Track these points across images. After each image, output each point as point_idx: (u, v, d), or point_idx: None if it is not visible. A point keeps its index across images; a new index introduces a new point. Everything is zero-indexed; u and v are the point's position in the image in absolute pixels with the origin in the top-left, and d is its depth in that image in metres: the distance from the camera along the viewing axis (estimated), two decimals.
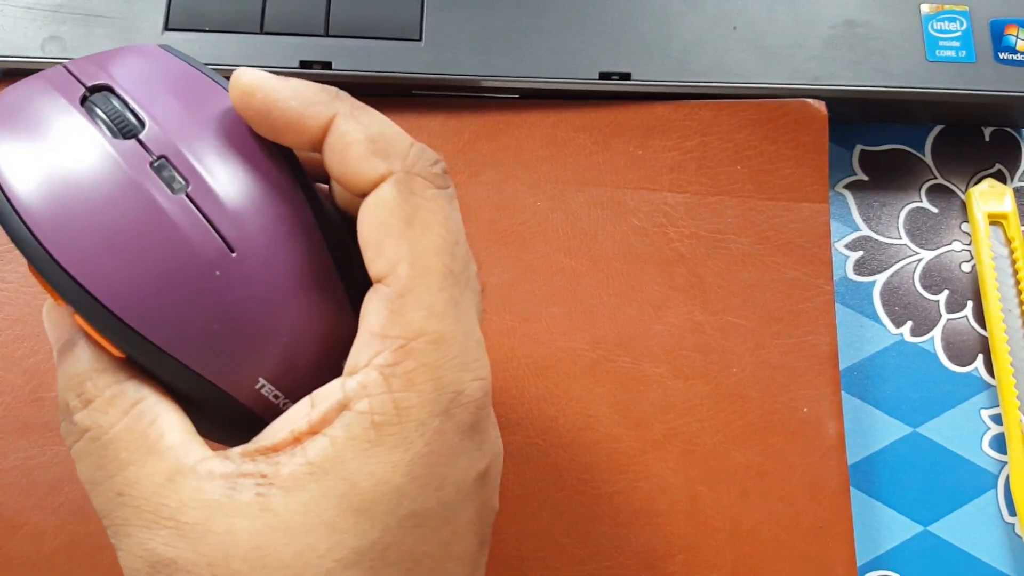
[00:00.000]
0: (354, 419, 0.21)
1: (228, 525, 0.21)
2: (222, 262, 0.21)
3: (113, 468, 0.22)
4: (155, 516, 0.21)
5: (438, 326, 0.21)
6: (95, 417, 0.22)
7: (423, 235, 0.22)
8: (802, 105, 0.37)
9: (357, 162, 0.22)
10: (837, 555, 0.33)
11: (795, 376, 0.35)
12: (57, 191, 0.21)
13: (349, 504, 0.21)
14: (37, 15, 0.36)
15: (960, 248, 0.39)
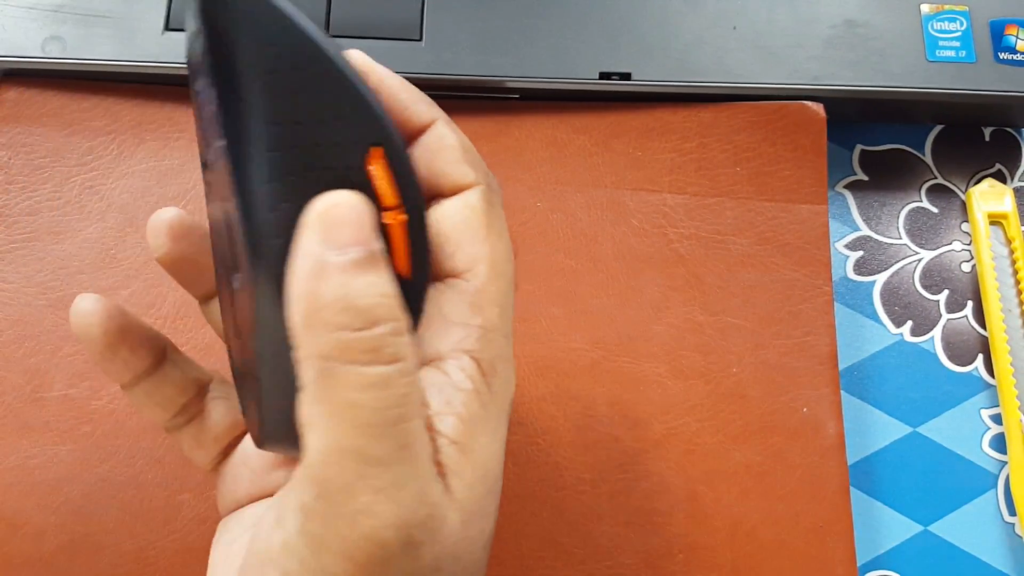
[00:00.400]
0: (468, 397, 0.22)
1: (447, 514, 0.21)
2: None
3: (410, 414, 0.20)
4: (423, 488, 0.20)
5: (506, 325, 0.23)
6: (406, 351, 0.20)
7: (499, 243, 0.23)
8: (801, 107, 0.37)
9: (451, 164, 0.23)
10: (837, 555, 0.33)
11: (795, 376, 0.35)
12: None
13: (487, 485, 0.22)
14: (38, 15, 0.36)
15: (960, 248, 0.39)
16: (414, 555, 0.20)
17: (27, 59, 0.36)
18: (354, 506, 0.20)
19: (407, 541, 0.20)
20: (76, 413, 0.33)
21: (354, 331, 0.20)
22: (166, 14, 0.37)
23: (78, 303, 0.25)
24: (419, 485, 0.20)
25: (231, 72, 0.20)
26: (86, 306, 0.25)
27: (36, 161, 0.36)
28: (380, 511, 0.20)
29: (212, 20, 0.20)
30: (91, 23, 0.36)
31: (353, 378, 0.20)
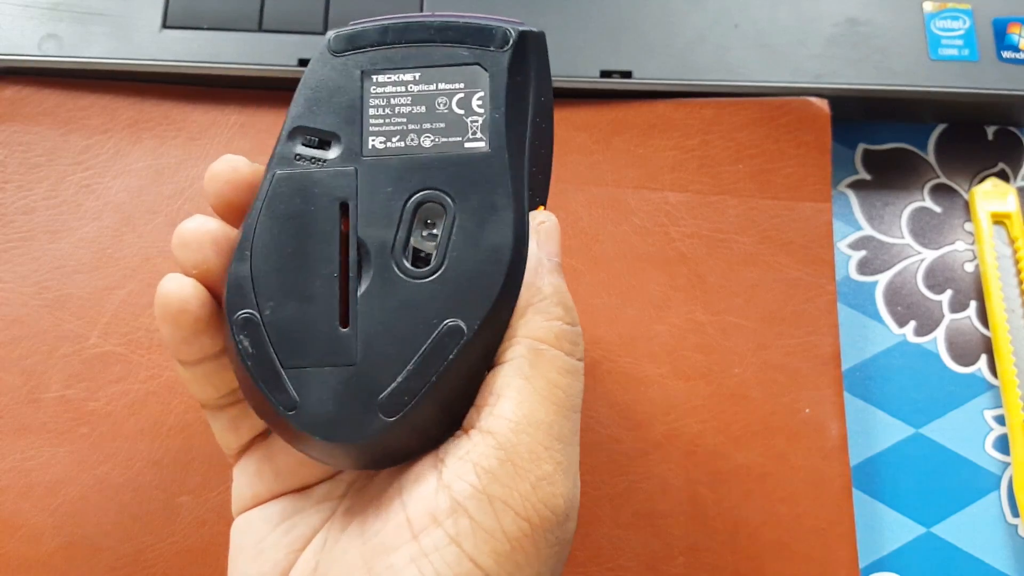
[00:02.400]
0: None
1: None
2: None
3: (580, 405, 0.24)
4: (577, 470, 0.24)
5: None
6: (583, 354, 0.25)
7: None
8: (804, 103, 0.37)
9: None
10: (839, 556, 0.33)
11: (797, 377, 0.35)
12: None
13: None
14: (34, 13, 0.36)
15: (963, 248, 0.39)
16: (566, 527, 0.23)
17: (24, 57, 0.36)
18: (538, 473, 0.22)
19: (567, 513, 0.23)
20: (73, 414, 0.33)
21: (567, 324, 0.24)
22: (163, 12, 0.36)
23: (170, 283, 0.24)
24: (577, 468, 0.23)
25: (517, 99, 0.25)
26: (182, 288, 0.24)
27: (32, 160, 0.36)
28: (559, 480, 0.23)
29: (522, 53, 0.25)
30: (88, 21, 0.36)
31: (560, 363, 0.23)
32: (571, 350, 0.24)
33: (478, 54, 0.25)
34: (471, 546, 0.22)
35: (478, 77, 0.25)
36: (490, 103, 0.25)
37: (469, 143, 0.25)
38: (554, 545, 0.23)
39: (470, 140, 0.25)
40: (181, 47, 0.36)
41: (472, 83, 0.25)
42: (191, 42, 0.36)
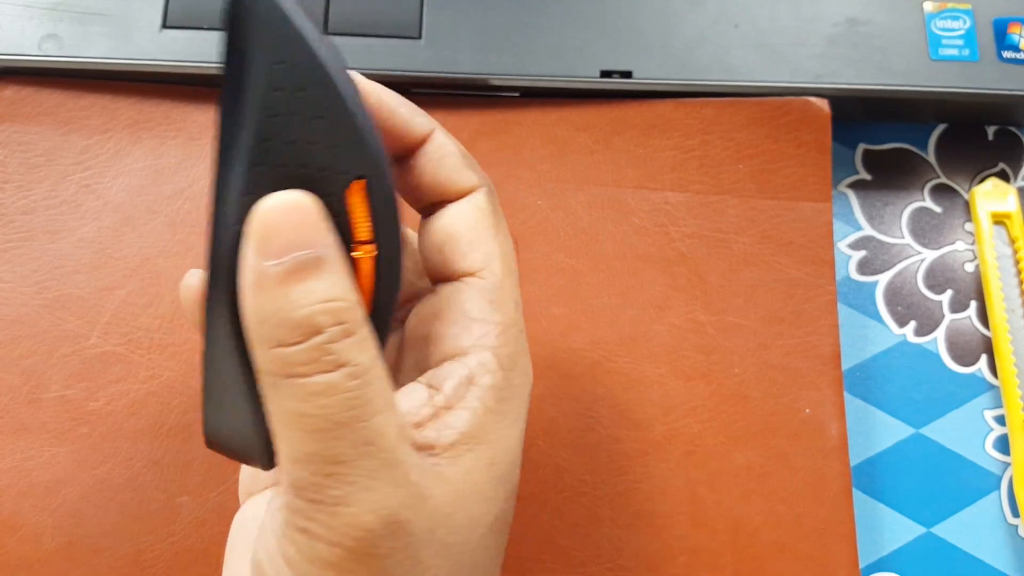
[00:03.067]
0: (485, 392, 0.23)
1: (434, 492, 0.21)
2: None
3: (366, 413, 0.20)
4: (393, 474, 0.21)
5: (519, 317, 0.25)
6: (356, 353, 0.20)
7: (505, 240, 0.25)
8: (804, 103, 0.37)
9: (454, 171, 0.25)
10: (839, 557, 0.33)
11: (797, 377, 0.35)
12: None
13: (493, 474, 0.23)
14: (35, 13, 0.36)
15: (963, 248, 0.39)
16: (403, 530, 0.21)
17: (24, 57, 0.36)
18: (330, 499, 0.20)
19: (390, 520, 0.20)
20: (73, 414, 0.33)
21: (289, 346, 0.20)
22: (163, 12, 0.36)
23: (191, 279, 0.25)
24: (393, 472, 0.20)
25: (238, 82, 0.20)
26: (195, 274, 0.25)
27: (32, 160, 0.36)
28: (357, 499, 0.20)
29: (232, 27, 0.20)
30: (88, 21, 0.36)
31: (296, 391, 0.20)
32: (309, 370, 0.20)
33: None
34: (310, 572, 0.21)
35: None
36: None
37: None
38: (392, 553, 0.21)
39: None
40: (181, 47, 0.36)
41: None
42: (191, 42, 0.36)
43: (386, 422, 0.21)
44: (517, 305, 0.25)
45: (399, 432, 0.21)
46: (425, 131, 0.25)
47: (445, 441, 0.22)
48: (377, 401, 0.21)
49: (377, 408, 0.20)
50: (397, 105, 0.25)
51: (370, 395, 0.20)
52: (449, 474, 0.22)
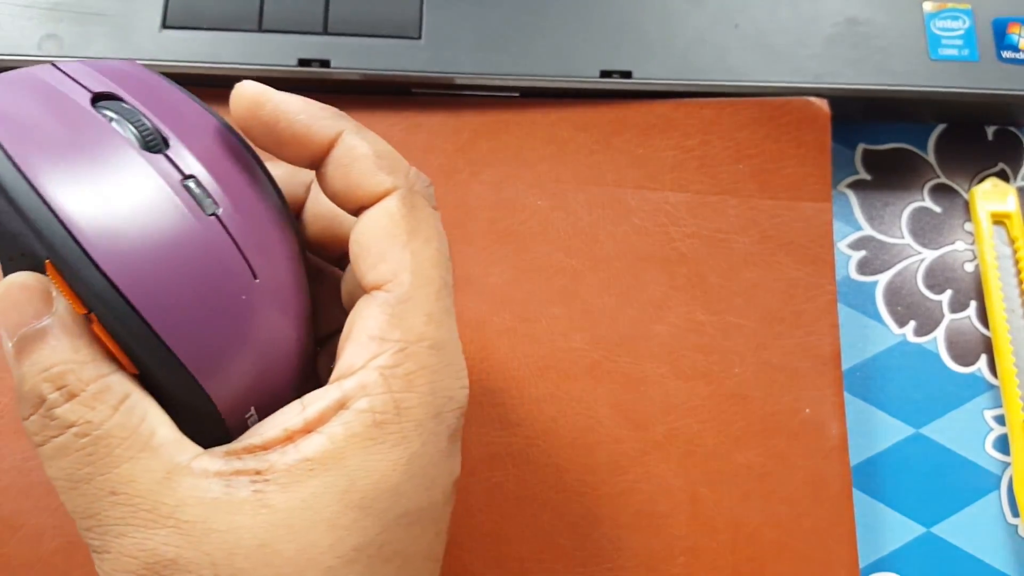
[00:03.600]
0: (354, 417, 0.22)
1: (230, 523, 0.21)
2: (247, 287, 0.22)
3: (104, 465, 0.21)
4: (154, 515, 0.21)
5: (436, 333, 0.23)
6: (81, 412, 0.21)
7: (424, 247, 0.23)
8: (804, 103, 0.37)
9: (364, 175, 0.23)
10: (839, 557, 0.33)
11: (797, 377, 0.35)
12: (93, 195, 0.20)
13: (350, 501, 0.21)
14: (34, 13, 0.36)
15: (963, 248, 0.39)
16: (175, 567, 0.21)
17: (23, 57, 0.36)
18: (95, 548, 0.21)
19: (154, 561, 0.21)
20: None
21: (27, 419, 0.21)
22: (163, 12, 0.36)
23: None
24: (150, 514, 0.21)
25: None
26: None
27: None
28: (114, 546, 0.21)
29: None
30: (88, 21, 0.36)
31: (42, 457, 0.22)
32: (42, 438, 0.22)
33: None
34: None
35: None
36: None
37: None
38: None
39: None
40: (181, 47, 0.36)
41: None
42: (191, 42, 0.36)
43: (135, 471, 0.21)
44: (432, 318, 0.23)
45: (165, 473, 0.21)
46: (331, 135, 0.23)
47: (281, 466, 0.21)
48: (119, 452, 0.21)
49: (120, 458, 0.21)
50: (296, 112, 0.23)
51: (106, 449, 0.21)
52: (275, 501, 0.21)
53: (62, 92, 0.22)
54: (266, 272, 0.22)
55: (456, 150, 0.37)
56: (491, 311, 0.35)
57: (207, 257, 0.21)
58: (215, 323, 0.21)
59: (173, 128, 0.22)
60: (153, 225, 0.21)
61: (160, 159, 0.21)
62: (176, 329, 0.21)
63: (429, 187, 0.24)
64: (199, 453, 0.22)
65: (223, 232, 0.21)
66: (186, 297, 0.21)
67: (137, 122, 0.22)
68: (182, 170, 0.21)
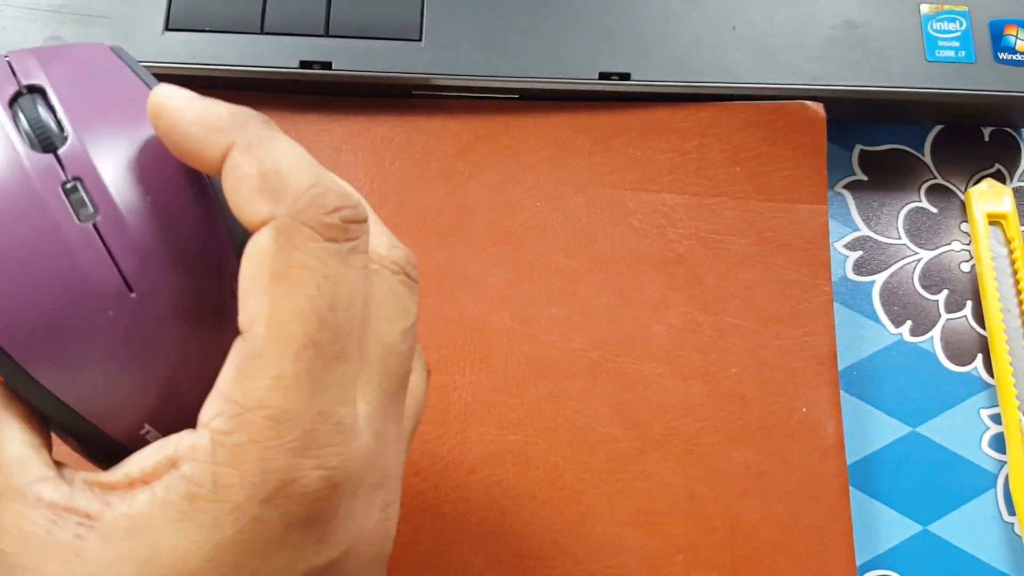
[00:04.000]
0: (174, 483, 0.19)
1: (38, 564, 0.19)
2: (118, 302, 0.19)
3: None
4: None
5: (280, 401, 0.19)
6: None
7: (289, 295, 0.19)
8: (800, 107, 0.37)
9: (244, 200, 0.19)
10: (836, 555, 0.33)
11: (794, 376, 0.35)
12: None
13: (147, 571, 0.19)
14: (38, 15, 0.36)
15: (959, 248, 0.39)
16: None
17: None
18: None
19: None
20: None
21: None
22: (165, 14, 0.37)
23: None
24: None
25: None
26: None
27: None
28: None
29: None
30: (91, 24, 0.36)
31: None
32: None
33: None
34: None
35: None
36: None
37: None
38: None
39: None
40: (183, 49, 0.36)
41: None
42: (193, 44, 0.36)
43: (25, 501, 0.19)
44: (280, 383, 0.19)
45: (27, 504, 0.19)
46: (221, 151, 0.20)
47: (107, 516, 0.19)
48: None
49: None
50: (188, 124, 0.20)
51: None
52: (90, 552, 0.19)
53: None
54: (151, 284, 0.20)
55: (456, 152, 0.37)
56: (491, 311, 0.35)
57: (66, 267, 0.19)
58: (77, 340, 0.19)
59: (85, 125, 0.20)
60: (13, 236, 0.19)
61: (46, 159, 0.20)
62: (30, 347, 0.19)
63: (333, 213, 0.19)
64: (45, 478, 0.20)
65: (95, 240, 0.19)
66: (36, 310, 0.19)
67: (34, 118, 0.20)
68: (67, 171, 0.20)
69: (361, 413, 0.20)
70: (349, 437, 0.20)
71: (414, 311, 0.23)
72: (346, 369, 0.20)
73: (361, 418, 0.20)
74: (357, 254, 0.20)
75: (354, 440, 0.20)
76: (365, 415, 0.21)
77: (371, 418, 0.21)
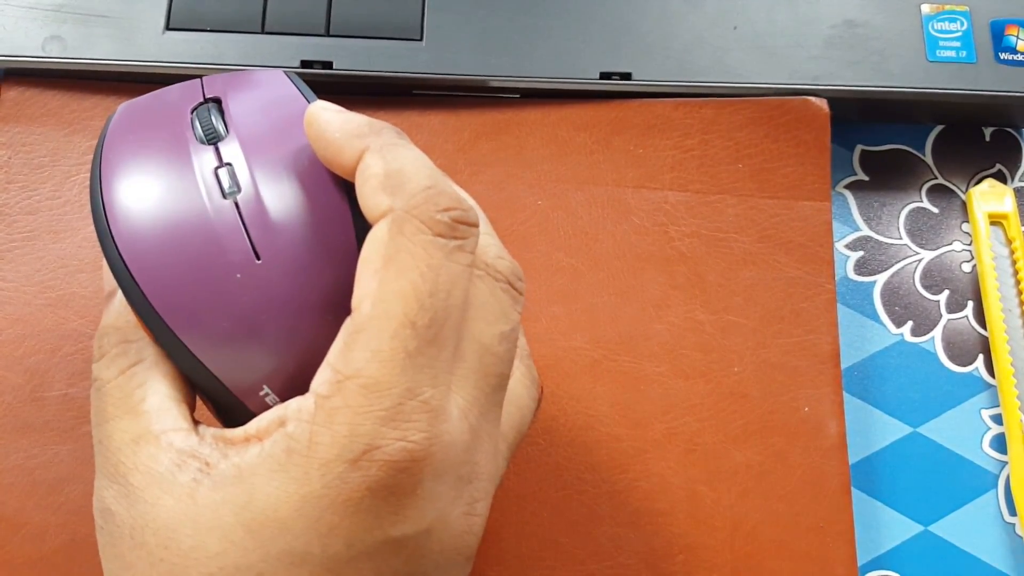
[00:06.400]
0: (279, 438, 0.21)
1: (157, 498, 0.22)
2: (246, 266, 0.22)
3: (101, 418, 0.23)
4: (113, 470, 0.23)
5: (375, 372, 0.21)
6: (100, 369, 0.24)
7: (395, 278, 0.21)
8: (803, 103, 0.37)
9: (368, 195, 0.22)
10: (838, 555, 0.33)
11: (796, 375, 0.35)
12: (135, 178, 0.23)
13: (242, 518, 0.21)
14: (38, 15, 0.36)
15: (960, 248, 0.39)
16: (111, 518, 0.23)
17: (27, 59, 0.36)
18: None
19: (102, 508, 0.23)
20: (76, 413, 0.33)
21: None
22: (166, 14, 0.37)
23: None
24: (110, 469, 0.23)
25: None
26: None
27: (36, 160, 0.36)
28: (94, 498, 0.24)
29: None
30: (91, 23, 0.36)
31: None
32: None
33: None
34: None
35: None
36: None
37: None
38: (103, 535, 0.24)
39: None
40: (184, 48, 0.36)
41: None
42: (194, 44, 0.36)
43: (115, 428, 0.23)
44: (377, 356, 0.21)
45: (135, 436, 0.23)
46: (358, 153, 0.22)
47: (223, 466, 0.22)
48: (110, 409, 0.23)
49: (111, 415, 0.23)
50: (333, 131, 0.23)
51: (102, 404, 0.24)
52: (201, 495, 0.22)
53: (178, 98, 0.25)
54: (275, 256, 0.22)
55: (457, 150, 0.37)
56: None
57: (206, 235, 0.23)
58: (208, 299, 0.22)
59: (245, 128, 0.24)
60: (169, 207, 0.23)
61: (208, 150, 0.24)
62: (171, 302, 0.22)
63: (443, 212, 0.22)
64: (178, 428, 0.23)
65: (233, 213, 0.23)
66: (179, 271, 0.22)
67: (204, 119, 0.24)
68: (222, 158, 0.23)
69: (455, 405, 0.22)
70: (435, 418, 0.21)
71: (515, 318, 0.24)
72: (439, 355, 0.22)
73: (455, 409, 0.22)
74: (462, 252, 0.22)
75: (440, 423, 0.21)
76: (460, 408, 0.22)
77: (466, 412, 0.22)
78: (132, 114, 0.25)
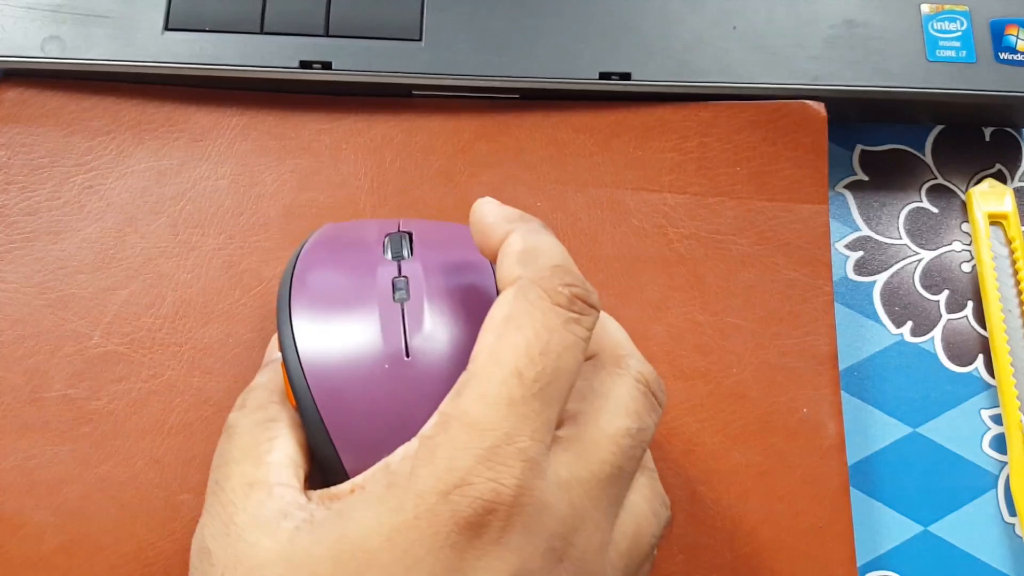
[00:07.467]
0: (380, 476, 0.23)
1: (256, 540, 0.23)
2: (395, 361, 0.25)
3: (223, 460, 0.25)
4: (221, 509, 0.24)
5: (479, 413, 0.22)
6: (238, 418, 0.26)
7: (512, 332, 0.23)
8: (801, 107, 0.37)
9: (505, 267, 0.25)
10: (837, 555, 0.33)
11: (795, 376, 0.35)
12: (323, 274, 0.28)
13: (333, 551, 0.22)
14: (37, 15, 0.36)
15: (960, 248, 0.39)
16: (206, 557, 0.24)
17: (26, 59, 0.36)
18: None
19: (200, 546, 0.25)
20: (75, 413, 0.33)
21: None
22: (165, 14, 0.37)
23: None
24: (219, 509, 0.24)
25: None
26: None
27: (35, 161, 0.36)
28: (197, 530, 0.25)
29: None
30: (90, 23, 0.36)
31: None
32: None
33: None
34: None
35: None
36: None
37: None
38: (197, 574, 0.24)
39: None
40: (183, 49, 0.36)
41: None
42: (193, 44, 0.36)
43: (234, 471, 0.25)
44: (484, 399, 0.22)
45: (250, 482, 0.24)
46: (503, 236, 0.25)
47: (321, 515, 0.23)
48: (234, 453, 0.25)
49: (234, 459, 0.25)
50: (487, 218, 0.26)
51: (232, 447, 0.25)
52: (298, 539, 0.22)
53: (380, 229, 0.29)
54: (425, 356, 0.25)
55: (456, 152, 0.37)
56: None
57: (370, 328, 0.26)
58: (356, 386, 0.25)
59: (426, 255, 0.28)
60: (346, 301, 0.26)
61: (392, 264, 0.27)
62: (325, 384, 0.25)
63: (567, 287, 0.24)
64: (291, 485, 0.24)
65: (397, 315, 0.26)
66: (340, 359, 0.25)
67: (395, 244, 0.28)
68: (402, 272, 0.27)
69: (555, 470, 0.23)
70: (529, 469, 0.22)
71: (647, 423, 0.25)
72: (542, 410, 0.23)
73: (553, 474, 0.23)
74: (577, 325, 0.24)
75: (535, 477, 0.22)
76: (560, 477, 0.23)
77: (568, 484, 0.23)
78: (335, 229, 0.30)
